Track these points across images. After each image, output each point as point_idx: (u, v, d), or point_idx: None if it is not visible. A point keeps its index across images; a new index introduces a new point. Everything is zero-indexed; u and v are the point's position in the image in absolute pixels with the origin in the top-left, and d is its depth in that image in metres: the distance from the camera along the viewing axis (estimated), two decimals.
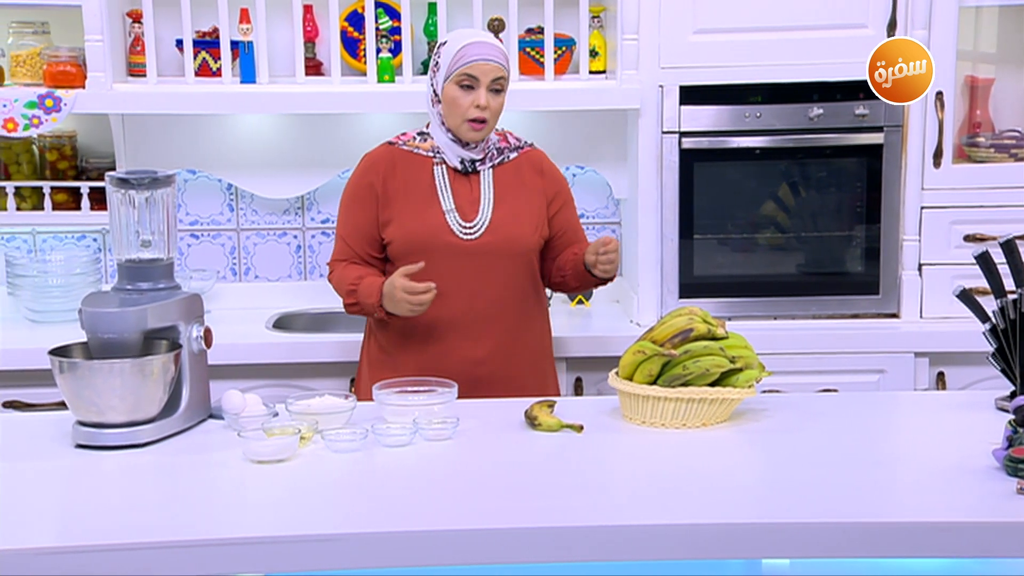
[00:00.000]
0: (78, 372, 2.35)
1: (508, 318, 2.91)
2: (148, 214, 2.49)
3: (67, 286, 3.60)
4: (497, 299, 2.90)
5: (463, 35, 2.89)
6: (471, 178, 2.91)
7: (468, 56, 2.81)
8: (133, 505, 2.14)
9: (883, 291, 3.56)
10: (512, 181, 2.94)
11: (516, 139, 3.01)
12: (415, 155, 2.92)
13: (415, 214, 2.88)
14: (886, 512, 2.09)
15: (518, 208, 2.92)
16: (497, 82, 2.83)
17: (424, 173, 2.90)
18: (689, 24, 3.46)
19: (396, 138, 2.97)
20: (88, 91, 3.48)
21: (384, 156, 2.94)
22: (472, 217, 2.88)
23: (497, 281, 2.89)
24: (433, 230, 2.86)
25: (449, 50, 2.84)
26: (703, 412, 2.47)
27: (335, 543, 1.97)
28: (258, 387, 3.31)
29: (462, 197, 2.89)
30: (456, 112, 2.83)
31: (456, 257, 2.86)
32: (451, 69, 2.82)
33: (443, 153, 2.90)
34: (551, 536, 2.00)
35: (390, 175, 2.91)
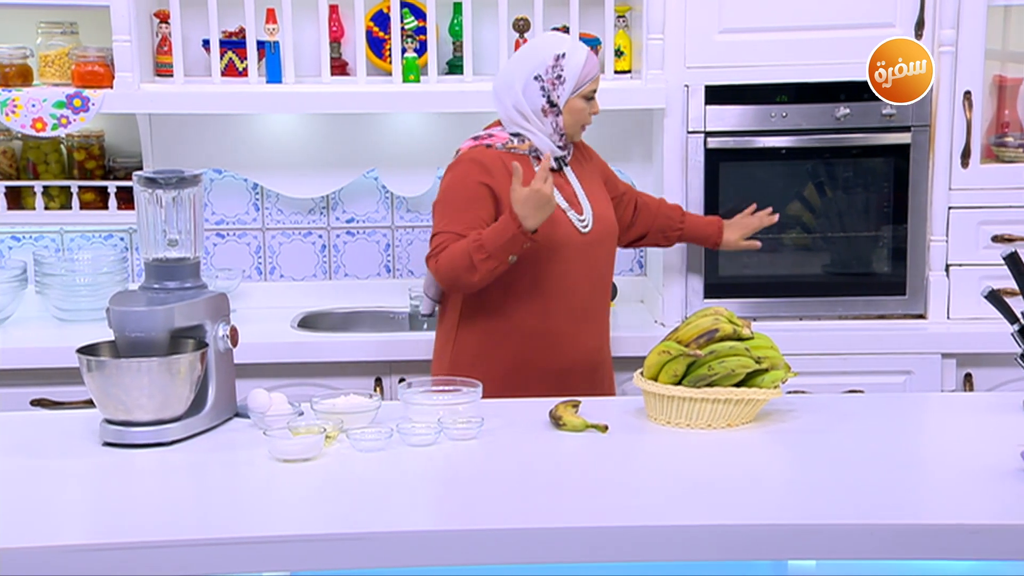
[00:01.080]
0: (106, 370, 2.37)
1: (605, 300, 3.08)
2: (175, 213, 2.50)
3: (94, 285, 3.62)
4: (605, 285, 3.05)
5: (579, 49, 2.94)
6: (560, 175, 2.98)
7: (591, 71, 2.93)
8: (160, 503, 2.15)
9: (910, 292, 3.54)
10: (583, 170, 3.05)
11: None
12: (515, 155, 2.92)
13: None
14: (913, 514, 2.08)
15: (600, 194, 3.05)
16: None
17: (527, 172, 2.88)
18: (715, 24, 3.45)
19: (489, 139, 2.94)
20: (116, 91, 3.50)
21: (489, 156, 2.91)
22: (580, 211, 2.96)
23: (604, 267, 3.04)
24: (560, 228, 2.90)
25: (574, 63, 2.90)
26: (729, 413, 2.46)
27: (361, 542, 1.97)
28: (283, 386, 3.32)
29: (566, 193, 2.96)
30: (579, 121, 2.96)
31: (580, 250, 2.94)
32: (580, 83, 2.92)
33: (541, 153, 2.93)
34: (576, 536, 2.00)
35: (502, 175, 2.88)
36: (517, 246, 2.76)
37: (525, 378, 2.92)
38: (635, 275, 3.94)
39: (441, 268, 2.84)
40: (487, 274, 2.79)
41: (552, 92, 2.90)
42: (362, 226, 3.89)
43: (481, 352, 2.96)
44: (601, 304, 3.06)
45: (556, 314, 2.94)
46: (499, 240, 2.76)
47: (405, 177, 3.81)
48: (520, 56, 3.00)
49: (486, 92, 3.53)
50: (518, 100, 2.92)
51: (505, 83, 2.96)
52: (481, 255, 2.77)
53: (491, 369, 2.89)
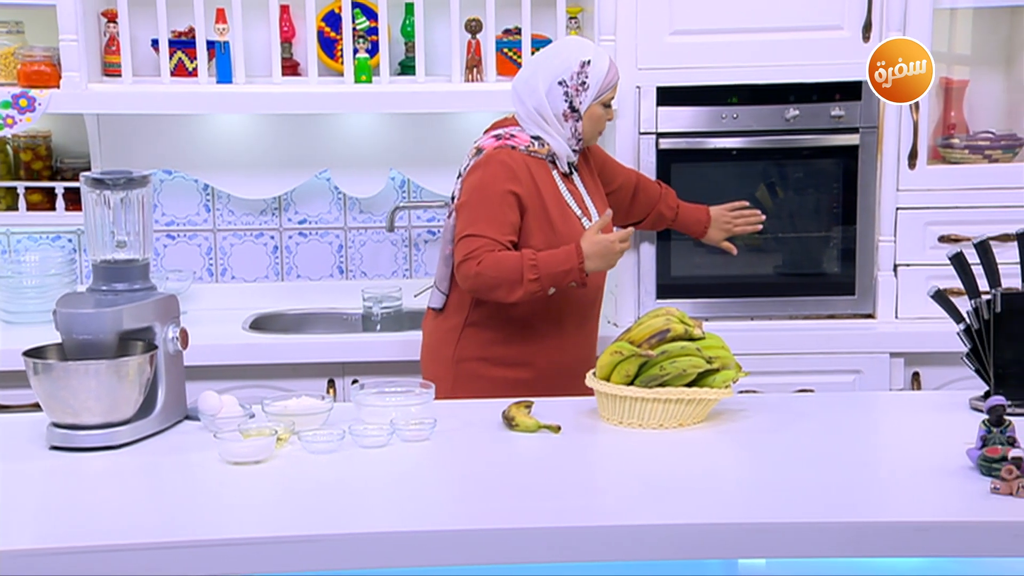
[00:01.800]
0: (53, 373, 2.34)
1: (599, 303, 3.12)
2: (123, 214, 2.47)
3: (42, 287, 3.58)
4: (602, 287, 3.09)
5: (603, 57, 2.98)
6: (570, 180, 3.02)
7: (613, 78, 2.98)
8: (109, 507, 2.13)
9: (859, 292, 3.58)
10: (586, 175, 3.09)
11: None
12: (535, 159, 2.95)
13: (558, 223, 2.92)
14: (862, 512, 2.10)
15: (601, 195, 3.11)
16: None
17: (546, 178, 2.94)
18: (666, 25, 3.46)
19: (512, 140, 2.94)
20: (63, 91, 3.46)
21: (518, 161, 2.90)
22: (590, 216, 3.01)
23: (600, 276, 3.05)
24: (576, 232, 2.92)
25: (598, 72, 2.93)
26: (680, 413, 2.47)
27: (312, 544, 1.96)
28: (235, 388, 3.29)
29: (577, 199, 3.01)
30: (597, 128, 3.01)
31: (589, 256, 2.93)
32: (602, 91, 2.95)
33: (558, 158, 2.98)
34: (528, 537, 2.00)
35: (527, 181, 2.90)
36: (567, 280, 2.82)
37: (531, 378, 2.94)
38: None
39: (484, 274, 2.80)
40: (527, 295, 2.81)
41: (575, 98, 2.93)
42: (314, 227, 3.88)
43: (487, 351, 2.97)
44: (599, 306, 3.12)
45: (564, 316, 2.98)
46: (555, 268, 2.80)
47: (357, 178, 3.80)
48: (544, 59, 2.99)
49: (439, 93, 3.54)
50: (540, 103, 2.94)
51: (528, 85, 2.96)
52: (532, 275, 2.79)
53: (496, 368, 2.94)
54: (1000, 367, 2.55)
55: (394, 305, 3.73)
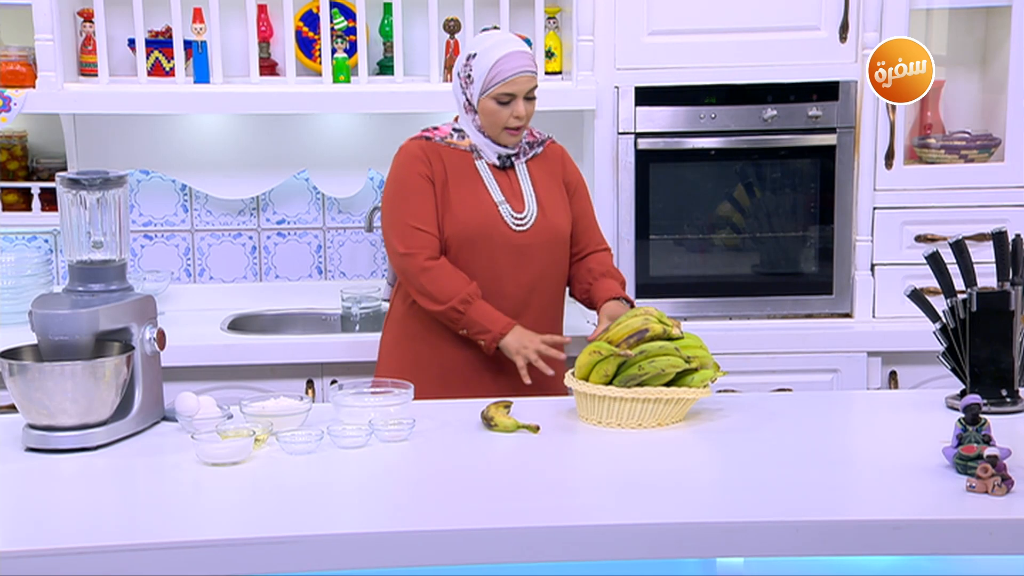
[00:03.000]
0: (28, 375, 2.33)
1: (553, 305, 3.02)
2: (100, 215, 2.46)
3: (17, 288, 3.55)
4: (543, 288, 2.98)
5: (493, 48, 2.88)
6: (509, 172, 2.97)
7: (504, 73, 2.85)
8: (85, 509, 2.11)
9: (836, 291, 3.60)
10: (544, 173, 3.01)
11: (539, 134, 3.07)
12: (454, 150, 2.95)
13: (469, 206, 2.91)
14: (839, 511, 2.10)
15: (554, 199, 3.00)
16: (531, 91, 2.90)
17: (467, 166, 2.94)
18: (644, 25, 3.47)
19: (430, 132, 2.98)
20: (38, 91, 3.44)
21: (426, 149, 2.94)
22: (521, 209, 2.94)
23: (543, 271, 2.97)
24: (489, 221, 2.90)
25: (482, 64, 2.87)
26: (659, 412, 2.48)
27: (290, 545, 1.96)
28: (212, 389, 3.28)
29: (507, 190, 2.95)
30: (495, 123, 2.90)
31: (510, 248, 2.92)
32: (487, 85, 2.87)
33: (481, 151, 2.95)
34: (507, 537, 2.00)
35: (438, 167, 2.92)
36: (480, 337, 2.86)
37: (465, 374, 2.92)
38: None
39: (424, 282, 2.87)
40: (442, 318, 2.89)
41: (466, 91, 2.92)
42: (292, 227, 3.87)
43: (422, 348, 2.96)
44: (541, 308, 2.99)
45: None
46: (480, 319, 2.85)
47: (336, 178, 3.79)
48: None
49: (417, 92, 3.53)
50: (455, 96, 2.97)
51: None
52: (456, 314, 2.85)
53: (431, 365, 2.92)
54: (976, 366, 2.57)
55: (373, 305, 3.72)
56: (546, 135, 3.09)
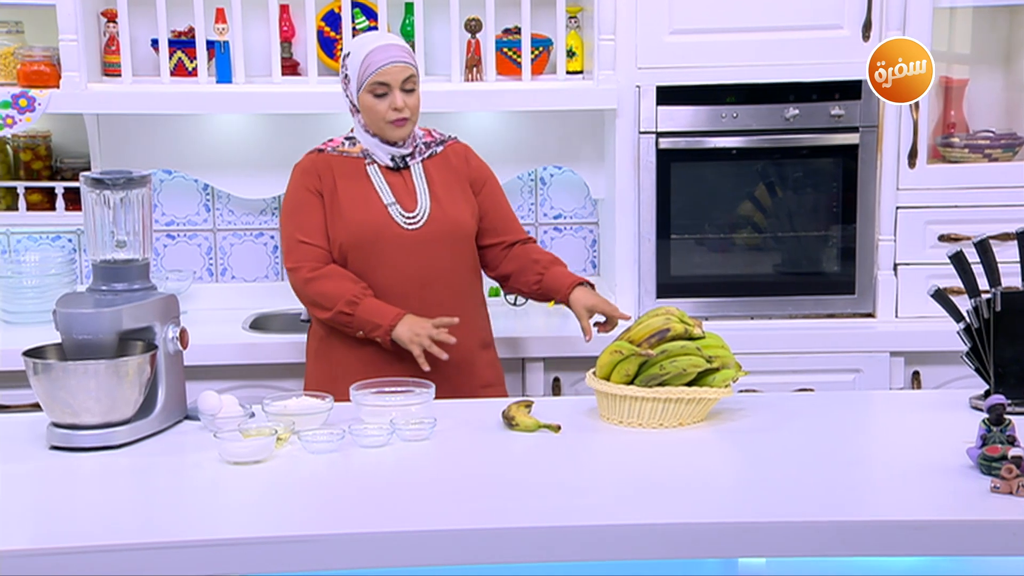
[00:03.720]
0: (52, 373, 2.34)
1: (456, 303, 2.96)
2: (123, 214, 2.48)
3: (42, 287, 3.58)
4: (445, 285, 2.96)
5: (365, 43, 2.93)
6: (403, 173, 2.97)
7: (374, 64, 2.87)
8: (108, 507, 2.13)
9: (859, 291, 3.58)
10: (442, 171, 3.00)
11: (440, 134, 3.08)
12: (346, 158, 2.97)
13: (358, 210, 2.93)
14: (862, 511, 2.10)
15: (453, 195, 2.99)
16: (408, 82, 2.89)
17: (357, 172, 2.96)
18: (666, 25, 3.46)
19: (324, 145, 3.02)
20: (63, 91, 3.46)
21: (316, 162, 2.99)
22: (412, 207, 2.94)
23: (444, 267, 2.95)
24: (379, 223, 2.91)
25: (354, 61, 2.91)
26: (680, 412, 2.47)
27: (312, 544, 1.96)
28: (234, 388, 3.29)
29: (399, 190, 2.95)
30: (376, 118, 2.90)
31: (403, 247, 2.92)
32: (361, 80, 2.89)
33: (373, 154, 2.96)
34: (528, 536, 2.00)
35: (327, 178, 2.96)
36: (374, 333, 2.86)
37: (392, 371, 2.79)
38: (588, 275, 3.94)
39: (309, 293, 2.92)
40: (334, 323, 2.91)
41: (347, 92, 2.96)
42: None
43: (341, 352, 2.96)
44: (449, 300, 2.95)
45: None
46: (370, 316, 2.85)
47: None
48: None
49: (438, 92, 3.53)
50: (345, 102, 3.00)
51: None
52: (344, 317, 2.87)
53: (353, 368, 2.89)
54: (1000, 366, 2.55)
55: None
56: (449, 136, 3.09)
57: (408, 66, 2.90)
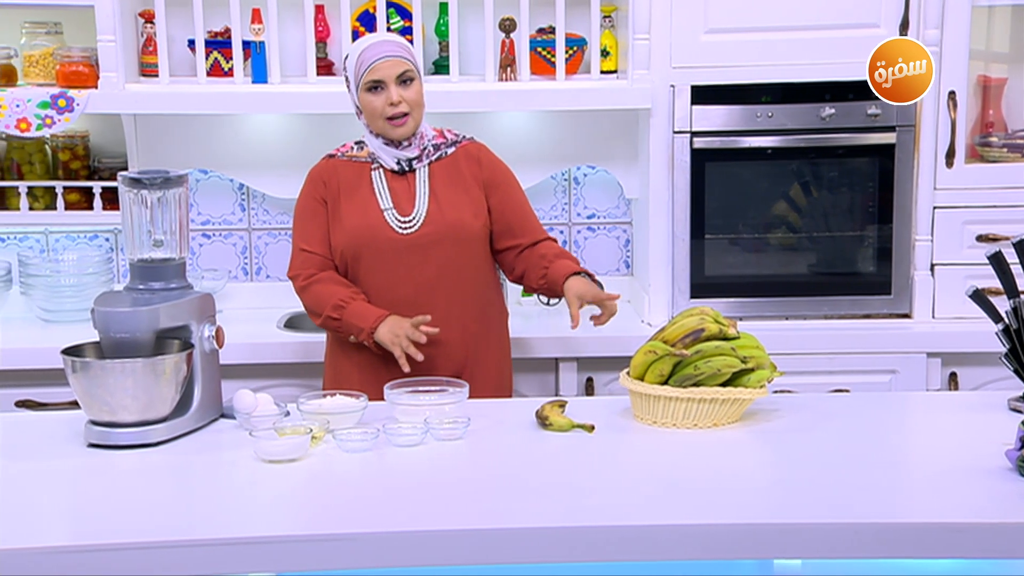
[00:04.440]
0: (90, 372, 2.36)
1: (459, 307, 2.93)
2: (160, 214, 2.49)
3: (79, 286, 3.61)
4: (446, 289, 2.92)
5: (360, 43, 2.94)
6: (408, 177, 2.95)
7: (367, 61, 2.87)
8: (145, 504, 2.14)
9: (895, 291, 3.55)
10: (449, 174, 2.97)
11: (454, 135, 3.03)
12: (354, 163, 2.98)
13: (355, 216, 2.92)
14: (898, 513, 2.08)
15: (456, 198, 2.94)
16: (404, 75, 2.86)
17: (363, 178, 2.96)
18: (700, 24, 3.45)
19: (335, 150, 3.03)
20: (100, 91, 3.49)
21: (326, 169, 3.00)
22: (409, 211, 2.91)
23: (443, 271, 2.92)
24: (373, 227, 2.90)
25: (351, 62, 2.92)
26: (714, 412, 2.47)
27: (346, 543, 1.97)
28: (269, 387, 3.31)
29: (400, 195, 2.93)
30: (375, 116, 2.89)
31: (397, 251, 2.90)
32: (357, 78, 2.89)
33: (379, 158, 2.95)
34: (562, 536, 2.00)
35: (333, 185, 2.97)
36: (360, 336, 2.86)
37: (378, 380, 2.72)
38: (622, 275, 3.95)
39: (305, 297, 2.96)
40: (326, 328, 2.95)
41: (350, 94, 2.96)
42: None
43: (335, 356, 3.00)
44: (451, 302, 2.92)
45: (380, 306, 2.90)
46: (355, 320, 2.86)
47: None
48: None
49: (472, 92, 3.54)
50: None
51: None
52: (336, 314, 2.88)
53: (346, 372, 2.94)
54: None
55: None
56: (464, 136, 3.04)
57: (401, 60, 2.87)
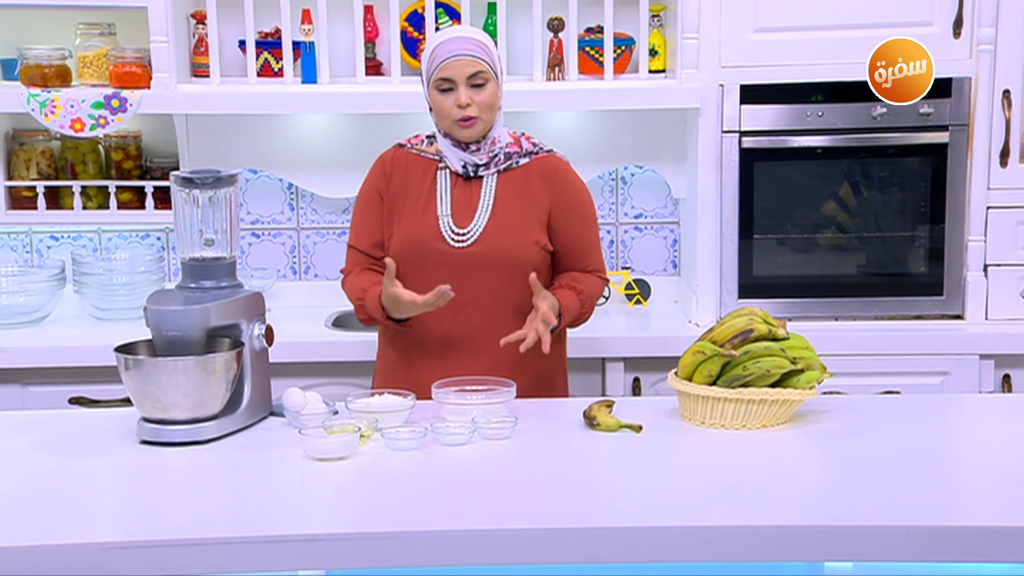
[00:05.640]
0: (143, 369, 2.39)
1: (499, 335, 2.71)
2: (211, 213, 2.51)
3: (131, 284, 3.65)
4: (486, 313, 2.76)
5: (436, 37, 2.78)
6: (473, 184, 2.79)
7: (438, 58, 2.71)
8: (196, 501, 2.16)
9: (947, 292, 3.51)
10: (516, 189, 2.77)
11: (532, 144, 2.84)
12: (421, 158, 2.83)
13: (412, 218, 2.79)
14: (949, 516, 2.06)
15: (516, 219, 2.75)
16: (476, 77, 2.69)
17: (427, 177, 2.81)
18: (750, 23, 3.43)
19: (407, 140, 2.88)
20: (153, 92, 3.53)
21: (393, 159, 2.86)
22: (466, 224, 2.76)
23: (487, 293, 2.75)
24: (425, 235, 2.76)
25: (424, 56, 2.78)
26: (763, 413, 2.45)
27: (394, 541, 1.98)
28: (318, 385, 3.33)
29: (460, 203, 2.78)
30: (443, 115, 2.73)
31: (444, 265, 2.75)
32: (428, 76, 2.74)
33: (446, 157, 2.80)
34: (610, 536, 1.99)
35: (395, 178, 2.83)
36: (384, 322, 2.78)
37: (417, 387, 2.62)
38: (669, 275, 3.93)
39: (345, 293, 2.89)
40: (365, 322, 2.84)
41: (424, 89, 2.80)
42: None
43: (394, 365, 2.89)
44: (483, 333, 2.75)
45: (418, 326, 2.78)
46: (374, 313, 2.78)
47: None
48: None
49: (520, 92, 3.54)
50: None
51: None
52: (360, 312, 2.81)
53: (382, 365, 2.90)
54: None
55: None
56: (542, 147, 2.84)
57: (475, 60, 2.68)
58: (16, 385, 3.38)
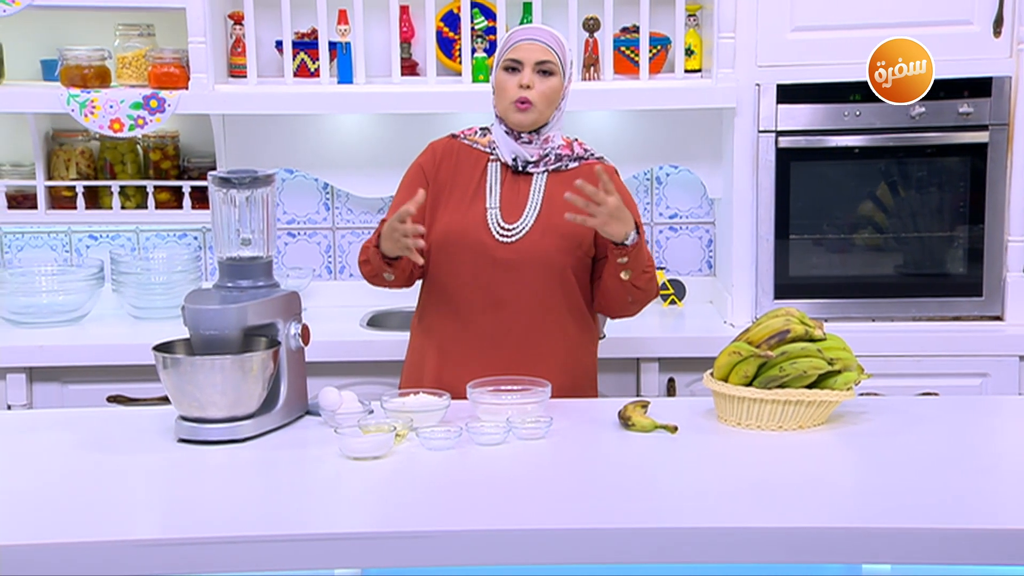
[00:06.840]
0: (181, 368, 2.40)
1: (535, 337, 2.73)
2: (248, 213, 2.53)
3: (169, 283, 3.68)
4: (523, 313, 2.74)
5: (515, 27, 2.86)
6: (522, 180, 2.78)
7: (512, 39, 2.75)
8: (233, 499, 2.18)
9: (986, 293, 3.48)
10: (564, 191, 2.68)
11: (584, 149, 2.84)
12: (473, 149, 2.83)
13: (458, 208, 2.77)
14: (988, 519, 2.04)
15: (561, 221, 2.68)
16: (544, 64, 2.71)
17: (477, 168, 2.81)
18: (787, 22, 3.41)
19: (461, 131, 2.89)
20: (191, 92, 3.55)
21: (444, 146, 2.86)
22: (514, 220, 2.75)
23: (525, 293, 2.74)
24: (471, 225, 2.74)
25: (500, 38, 2.84)
26: (800, 414, 2.44)
27: (430, 540, 1.98)
28: (353, 384, 3.34)
29: (509, 197, 2.77)
30: (504, 97, 2.74)
31: (484, 259, 2.73)
32: (499, 56, 2.76)
33: (498, 148, 2.80)
34: (646, 537, 1.99)
35: (445, 165, 2.82)
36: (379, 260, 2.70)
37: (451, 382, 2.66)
38: (704, 275, 3.92)
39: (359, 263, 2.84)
40: (368, 276, 2.79)
41: (492, 75, 2.81)
42: None
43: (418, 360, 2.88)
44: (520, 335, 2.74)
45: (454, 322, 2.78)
46: (376, 261, 2.72)
47: None
48: None
49: None
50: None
51: None
52: (363, 255, 2.77)
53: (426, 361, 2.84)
54: None
55: None
56: (593, 154, 2.83)
57: (547, 48, 2.71)
58: (55, 383, 3.41)
